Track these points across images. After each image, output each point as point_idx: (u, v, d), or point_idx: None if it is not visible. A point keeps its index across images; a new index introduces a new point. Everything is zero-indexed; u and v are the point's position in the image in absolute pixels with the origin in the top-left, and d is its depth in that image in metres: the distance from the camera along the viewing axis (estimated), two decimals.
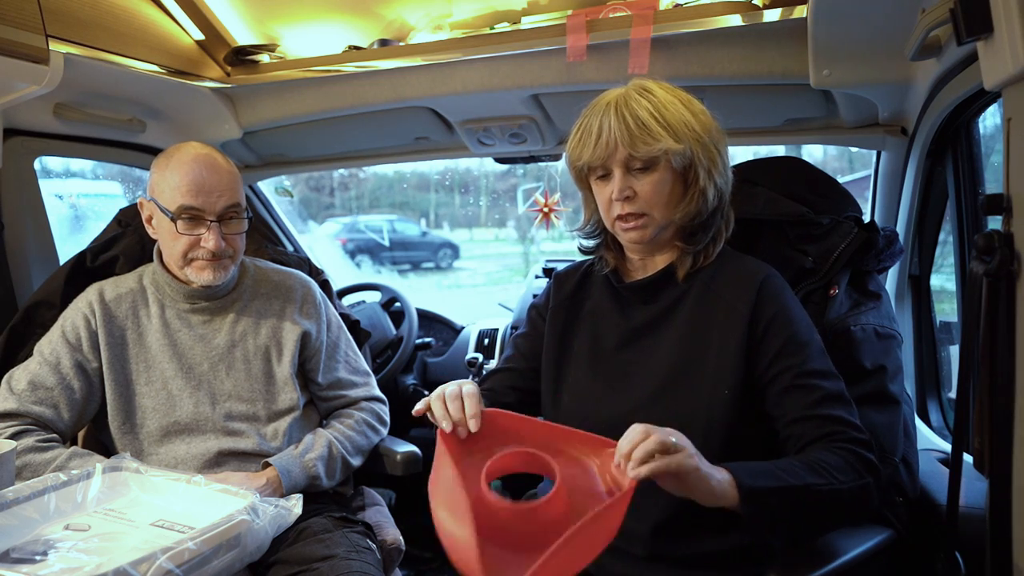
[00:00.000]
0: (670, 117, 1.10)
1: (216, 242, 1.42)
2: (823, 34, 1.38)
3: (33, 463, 1.32)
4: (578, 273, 1.32)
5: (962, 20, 0.83)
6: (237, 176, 1.49)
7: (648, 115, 1.10)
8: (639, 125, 1.09)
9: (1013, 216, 0.81)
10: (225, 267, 1.47)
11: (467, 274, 10.33)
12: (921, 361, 1.70)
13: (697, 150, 1.12)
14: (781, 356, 1.09)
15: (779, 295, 1.14)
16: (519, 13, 1.76)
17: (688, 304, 1.17)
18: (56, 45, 1.48)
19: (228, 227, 1.45)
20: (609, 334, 1.22)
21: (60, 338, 1.44)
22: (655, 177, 1.12)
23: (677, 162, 1.11)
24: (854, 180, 3.91)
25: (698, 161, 1.12)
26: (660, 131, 1.09)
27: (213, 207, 1.42)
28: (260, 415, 1.49)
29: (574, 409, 1.22)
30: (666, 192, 1.13)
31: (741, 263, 1.19)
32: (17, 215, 1.76)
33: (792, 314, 1.13)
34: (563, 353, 1.26)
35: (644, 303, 1.20)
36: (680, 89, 1.16)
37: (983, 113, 1.40)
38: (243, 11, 1.87)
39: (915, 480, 1.30)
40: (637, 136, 1.09)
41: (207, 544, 1.03)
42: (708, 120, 1.14)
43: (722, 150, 1.16)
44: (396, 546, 1.50)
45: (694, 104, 1.15)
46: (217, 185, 1.42)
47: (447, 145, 2.23)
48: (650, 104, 1.11)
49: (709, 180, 1.13)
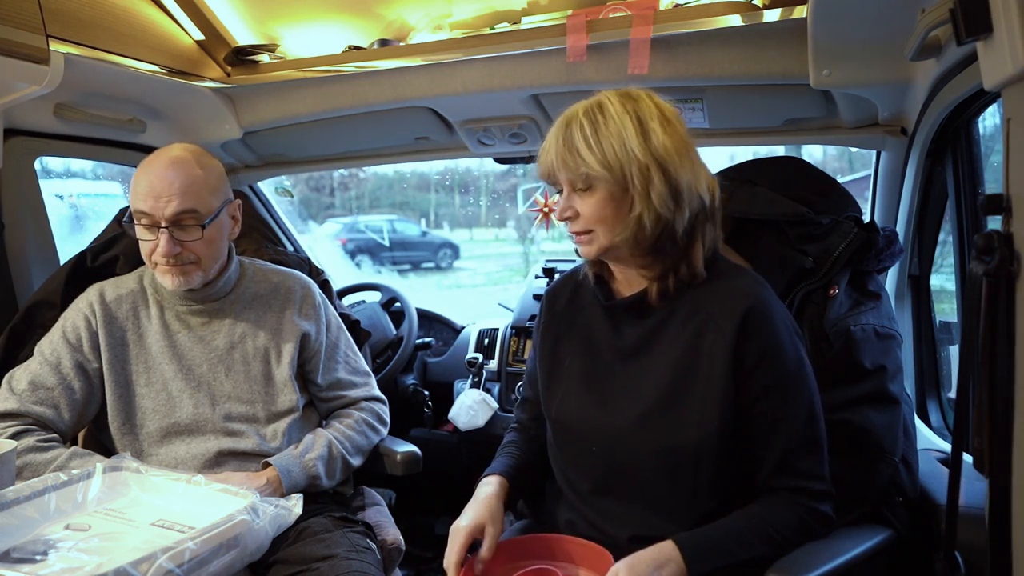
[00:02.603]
0: (604, 139, 1.08)
1: (165, 248, 1.37)
2: (823, 34, 1.38)
3: (33, 463, 1.32)
4: (569, 286, 1.31)
5: (962, 20, 0.82)
6: (202, 179, 1.40)
7: (581, 138, 1.09)
8: (570, 148, 1.10)
9: (1013, 216, 0.81)
10: (187, 273, 1.42)
11: (467, 274, 10.33)
12: (921, 361, 1.70)
13: (632, 175, 1.08)
14: (765, 396, 1.10)
15: (767, 323, 1.11)
16: (519, 13, 1.76)
17: (677, 322, 1.15)
18: (56, 45, 1.48)
19: (183, 233, 1.39)
20: (602, 350, 1.22)
21: (61, 338, 1.44)
22: (594, 198, 1.11)
23: (613, 186, 1.09)
24: (854, 180, 3.90)
25: (632, 186, 1.09)
26: (588, 154, 1.08)
27: (162, 212, 1.36)
28: (260, 416, 1.49)
29: (564, 422, 1.23)
30: (607, 214, 1.11)
31: (732, 282, 1.16)
32: (17, 215, 1.76)
33: (781, 346, 1.11)
34: (555, 365, 1.27)
35: (635, 318, 1.19)
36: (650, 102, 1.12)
37: (983, 113, 1.40)
38: (243, 11, 1.87)
39: (915, 480, 1.30)
40: (567, 158, 1.10)
41: (207, 544, 1.03)
42: (657, 140, 1.09)
43: (672, 173, 1.09)
44: (396, 546, 1.50)
45: (648, 123, 1.10)
46: (167, 190, 1.36)
47: (447, 145, 2.23)
48: (590, 124, 1.10)
49: (646, 207, 1.08)
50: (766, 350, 1.10)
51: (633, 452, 1.14)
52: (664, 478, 1.12)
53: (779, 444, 1.10)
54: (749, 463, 1.13)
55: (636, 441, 1.14)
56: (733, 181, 1.52)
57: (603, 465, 1.17)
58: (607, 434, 1.17)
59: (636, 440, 1.14)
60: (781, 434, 1.10)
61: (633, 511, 1.15)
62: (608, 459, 1.17)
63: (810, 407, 1.12)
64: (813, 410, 1.13)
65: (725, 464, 1.11)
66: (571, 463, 1.24)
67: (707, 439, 1.10)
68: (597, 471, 1.19)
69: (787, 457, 1.10)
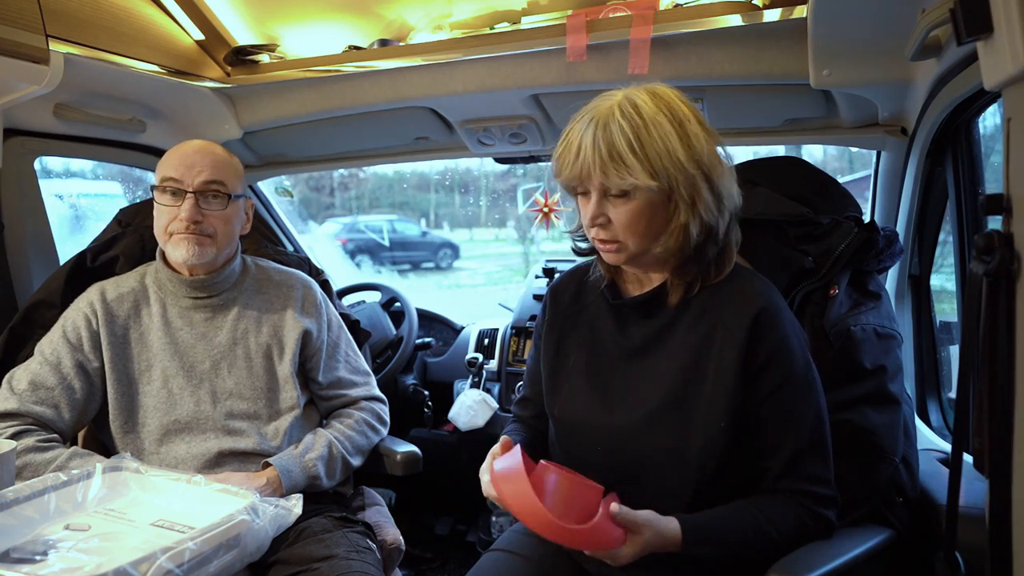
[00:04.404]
0: (649, 147, 1.02)
1: (189, 212, 1.43)
2: (823, 34, 1.38)
3: (33, 463, 1.32)
4: (574, 282, 1.29)
5: (962, 20, 0.82)
6: (230, 163, 1.51)
7: (625, 143, 1.02)
8: (612, 155, 1.02)
9: (1013, 216, 0.81)
10: (202, 244, 1.45)
11: (467, 274, 10.32)
12: (921, 361, 1.69)
13: (678, 184, 1.04)
14: (774, 397, 1.09)
15: (778, 325, 1.10)
16: (519, 13, 1.76)
17: (686, 323, 1.14)
18: (56, 45, 1.48)
19: (208, 204, 1.46)
20: (608, 349, 1.20)
21: (61, 338, 1.44)
22: (632, 206, 1.06)
23: (655, 194, 1.05)
24: (854, 180, 3.90)
25: (679, 196, 1.05)
26: (634, 163, 1.02)
27: (193, 179, 1.44)
28: (261, 413, 1.49)
29: (568, 421, 1.22)
30: (643, 223, 1.06)
31: (742, 283, 1.14)
32: (17, 215, 1.76)
33: (791, 348, 1.10)
34: (559, 363, 1.25)
35: (643, 317, 1.18)
36: (679, 101, 1.07)
37: (983, 113, 1.40)
38: (243, 11, 1.87)
39: (915, 480, 1.30)
40: (610, 166, 1.03)
41: (207, 544, 1.03)
42: (700, 146, 1.05)
43: (715, 179, 1.06)
44: (396, 546, 1.50)
45: (688, 126, 1.05)
46: (199, 161, 1.46)
47: (447, 145, 2.23)
48: (631, 128, 1.02)
49: (692, 215, 1.05)
50: (775, 351, 1.09)
51: (638, 452, 1.13)
52: (669, 479, 1.12)
53: (786, 446, 1.09)
54: (755, 466, 1.13)
55: (641, 441, 1.13)
56: None
57: (607, 465, 1.17)
58: (612, 433, 1.16)
59: (641, 440, 1.13)
60: (788, 436, 1.09)
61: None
62: (613, 459, 1.16)
63: (817, 411, 1.11)
64: (820, 414, 1.12)
65: (731, 466, 1.10)
66: (575, 462, 1.23)
67: (713, 440, 1.08)
68: (601, 470, 1.18)
69: (794, 460, 1.09)
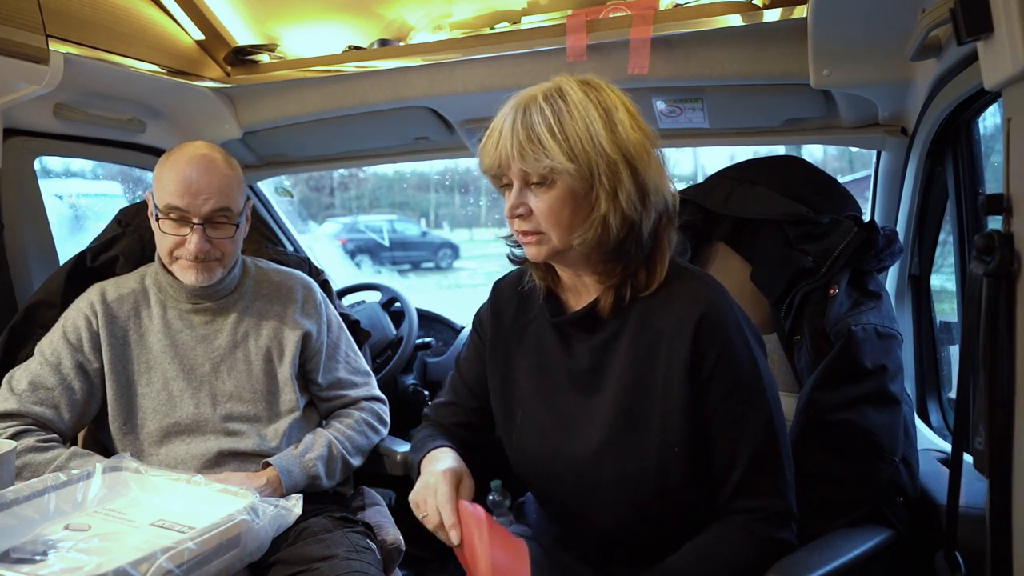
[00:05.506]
0: (570, 128, 0.98)
1: (198, 245, 1.40)
2: (823, 34, 1.38)
3: (33, 463, 1.32)
4: (515, 299, 1.22)
5: (962, 20, 0.82)
6: (234, 179, 1.45)
7: (544, 126, 0.98)
8: (531, 137, 0.98)
9: (1013, 216, 0.81)
10: (211, 269, 1.44)
11: (467, 274, 10.31)
12: (921, 361, 1.69)
13: (598, 170, 0.99)
14: (724, 406, 1.04)
15: (721, 328, 1.04)
16: (519, 13, 1.76)
17: (628, 336, 1.08)
18: (56, 45, 1.48)
19: (215, 231, 1.43)
20: (555, 370, 1.14)
21: (61, 338, 1.44)
22: (552, 195, 1.01)
23: (576, 182, 0.99)
24: (854, 180, 3.90)
25: (600, 184, 0.99)
26: (552, 144, 0.97)
27: (199, 209, 1.39)
28: (261, 416, 1.49)
29: (526, 451, 1.17)
30: (565, 213, 1.01)
31: (679, 289, 1.07)
32: (17, 215, 1.76)
33: (735, 353, 1.04)
34: (509, 389, 1.20)
35: (585, 332, 1.12)
36: (611, 92, 1.04)
37: (983, 113, 1.40)
38: (243, 11, 1.87)
39: (915, 480, 1.30)
40: (527, 149, 0.99)
41: (207, 544, 1.03)
42: (625, 134, 1.00)
43: (640, 170, 1.01)
44: (396, 546, 1.50)
45: (615, 114, 1.01)
46: (206, 187, 1.39)
47: (447, 145, 2.23)
48: (552, 112, 0.99)
49: (612, 207, 1.00)
50: (721, 357, 1.03)
51: (597, 477, 1.08)
52: (630, 503, 1.07)
53: (739, 458, 1.04)
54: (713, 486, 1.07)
55: (601, 467, 1.07)
56: (733, 181, 1.52)
57: (566, 490, 1.12)
58: (570, 461, 1.10)
59: (601, 466, 1.07)
60: (740, 452, 1.03)
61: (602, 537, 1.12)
62: (572, 483, 1.11)
63: (769, 418, 1.05)
64: (772, 423, 1.05)
65: (691, 489, 1.05)
66: (534, 489, 1.21)
67: (671, 462, 1.03)
68: (560, 496, 1.14)
69: (747, 472, 1.03)
